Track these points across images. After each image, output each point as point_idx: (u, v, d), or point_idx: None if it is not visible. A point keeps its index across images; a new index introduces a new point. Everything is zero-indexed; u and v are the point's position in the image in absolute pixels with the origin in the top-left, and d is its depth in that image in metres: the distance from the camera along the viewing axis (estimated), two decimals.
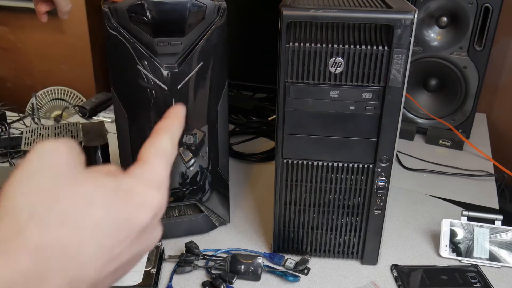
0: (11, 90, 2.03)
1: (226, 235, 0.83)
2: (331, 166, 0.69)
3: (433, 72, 1.18)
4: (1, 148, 1.08)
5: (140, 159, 0.30)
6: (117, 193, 0.27)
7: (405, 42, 0.60)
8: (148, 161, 0.30)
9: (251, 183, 1.00)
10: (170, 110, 0.34)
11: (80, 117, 1.30)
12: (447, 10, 1.12)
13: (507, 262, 0.76)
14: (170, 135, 0.32)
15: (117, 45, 0.65)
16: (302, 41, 0.62)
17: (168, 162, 0.30)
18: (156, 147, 0.31)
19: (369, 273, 0.74)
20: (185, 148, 0.74)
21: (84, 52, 1.82)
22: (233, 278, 0.70)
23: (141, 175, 0.29)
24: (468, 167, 1.08)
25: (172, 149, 0.31)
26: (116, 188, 0.27)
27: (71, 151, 0.27)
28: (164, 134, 0.31)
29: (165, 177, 0.30)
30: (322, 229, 0.74)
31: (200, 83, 0.70)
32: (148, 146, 0.31)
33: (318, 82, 0.64)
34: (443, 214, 0.89)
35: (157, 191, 0.28)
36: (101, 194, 0.26)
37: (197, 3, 0.65)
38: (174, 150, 0.31)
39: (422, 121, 1.22)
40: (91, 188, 0.26)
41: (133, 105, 0.70)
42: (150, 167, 0.29)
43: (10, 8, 1.83)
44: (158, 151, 0.30)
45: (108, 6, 0.64)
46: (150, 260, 0.71)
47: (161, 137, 0.31)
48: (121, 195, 0.27)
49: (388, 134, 0.65)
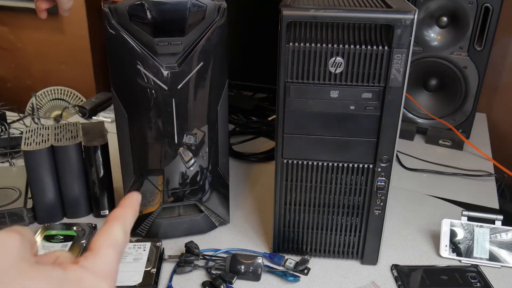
0: (11, 90, 2.03)
1: (226, 235, 0.83)
2: (331, 166, 0.69)
3: (433, 72, 1.18)
4: (1, 148, 1.08)
5: (91, 248, 0.31)
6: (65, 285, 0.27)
7: (405, 42, 0.60)
8: (99, 250, 0.30)
9: (251, 183, 1.00)
10: (124, 198, 0.34)
11: (80, 117, 1.30)
12: (447, 10, 1.12)
13: (507, 262, 0.76)
14: (122, 224, 0.32)
15: (117, 45, 0.65)
16: (302, 41, 0.62)
17: (118, 250, 0.31)
18: (107, 236, 0.31)
19: (369, 273, 0.74)
20: (185, 148, 0.74)
21: (84, 52, 1.82)
22: (233, 278, 0.70)
23: (90, 265, 0.29)
24: (468, 167, 1.08)
25: (124, 238, 0.32)
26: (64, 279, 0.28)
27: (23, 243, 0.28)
28: (117, 223, 0.32)
29: (115, 266, 0.31)
30: (322, 229, 0.74)
31: (200, 83, 0.70)
32: (100, 235, 0.31)
33: (318, 82, 0.64)
34: (443, 214, 0.89)
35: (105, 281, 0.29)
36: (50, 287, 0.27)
37: (197, 3, 0.65)
38: (127, 238, 0.32)
39: (422, 121, 1.22)
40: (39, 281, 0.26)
41: (133, 105, 0.70)
42: (99, 257, 0.30)
43: (10, 8, 1.83)
44: (110, 241, 0.31)
45: (108, 6, 0.64)
46: (150, 260, 0.71)
47: (113, 227, 0.32)
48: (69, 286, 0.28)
49: (388, 134, 0.65)
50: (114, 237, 0.31)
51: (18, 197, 0.85)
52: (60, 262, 0.30)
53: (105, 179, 0.84)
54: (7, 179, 0.90)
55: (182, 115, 0.71)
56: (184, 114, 0.71)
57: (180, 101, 0.70)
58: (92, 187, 0.84)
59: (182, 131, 0.72)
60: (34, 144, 0.80)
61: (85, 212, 0.86)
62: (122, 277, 0.68)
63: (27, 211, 0.82)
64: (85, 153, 0.81)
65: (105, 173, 0.84)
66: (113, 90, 0.70)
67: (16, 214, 0.82)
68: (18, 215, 0.82)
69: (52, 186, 0.82)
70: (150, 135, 0.71)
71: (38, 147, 0.79)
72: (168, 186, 0.76)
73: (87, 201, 0.86)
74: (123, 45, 0.65)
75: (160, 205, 0.77)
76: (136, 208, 0.34)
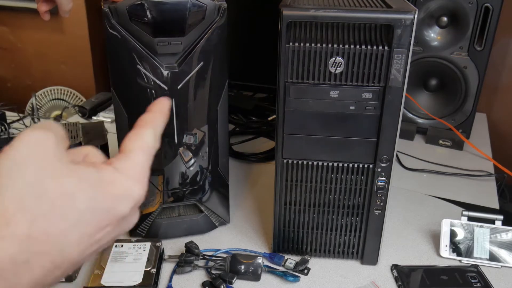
0: (11, 90, 2.03)
1: (226, 235, 0.83)
2: (331, 166, 0.69)
3: (433, 72, 1.18)
4: (1, 148, 1.08)
5: (123, 150, 0.31)
6: (99, 185, 0.28)
7: (405, 42, 0.60)
8: (130, 153, 0.31)
9: (251, 183, 1.00)
10: (154, 103, 0.35)
11: (80, 117, 1.30)
12: (447, 10, 1.12)
13: (507, 262, 0.76)
14: (153, 128, 0.33)
15: (117, 45, 0.65)
16: (302, 41, 0.62)
17: (149, 155, 0.32)
18: (138, 140, 0.32)
19: (369, 273, 0.74)
20: (185, 148, 0.74)
21: (84, 52, 1.82)
22: (233, 278, 0.70)
23: (122, 167, 0.30)
24: (468, 167, 1.08)
25: (155, 143, 0.32)
26: (99, 180, 0.28)
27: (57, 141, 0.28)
28: (148, 127, 0.33)
29: (146, 169, 0.31)
30: (322, 229, 0.74)
31: (200, 83, 0.70)
32: (131, 138, 0.32)
33: (318, 82, 0.64)
34: (443, 214, 0.89)
35: (137, 184, 0.30)
36: (84, 186, 0.28)
37: (197, 3, 0.65)
38: (157, 143, 0.32)
39: (422, 121, 1.22)
40: (75, 181, 0.27)
41: (133, 105, 0.70)
42: (131, 160, 0.31)
43: (10, 8, 1.83)
44: (141, 145, 0.31)
45: (108, 6, 0.64)
46: (150, 260, 0.71)
47: (144, 130, 0.32)
48: (103, 187, 0.28)
49: (388, 134, 0.65)
50: (145, 141, 0.32)
51: None
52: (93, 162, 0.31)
53: None
54: None
55: (182, 115, 0.71)
56: (184, 114, 0.71)
57: (180, 101, 0.70)
58: None
59: (182, 131, 0.72)
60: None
61: None
62: (122, 277, 0.68)
63: None
64: None
65: None
66: (113, 90, 0.70)
67: None
68: None
69: None
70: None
71: None
72: (168, 186, 0.76)
73: None
74: (123, 45, 0.65)
75: (160, 205, 0.77)
76: (166, 113, 0.34)
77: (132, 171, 0.30)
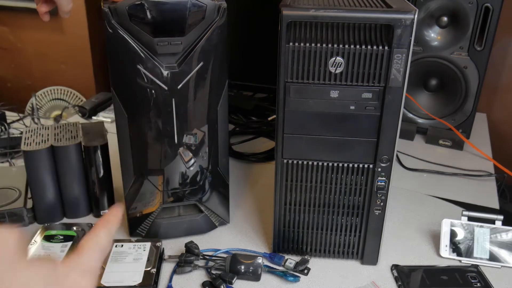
0: (11, 90, 2.03)
1: (226, 235, 0.83)
2: (331, 166, 0.69)
3: (433, 72, 1.18)
4: (1, 148, 1.08)
5: (78, 250, 0.36)
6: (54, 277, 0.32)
7: (405, 42, 0.60)
8: (83, 251, 0.36)
9: (251, 183, 1.00)
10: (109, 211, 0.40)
11: (80, 117, 1.30)
12: (447, 10, 1.12)
13: (508, 262, 0.76)
14: (107, 230, 0.38)
15: (117, 45, 0.65)
16: (302, 41, 0.62)
17: (102, 252, 0.37)
18: (93, 239, 0.37)
19: (369, 273, 0.74)
20: (185, 148, 0.74)
21: (84, 52, 1.82)
22: (233, 278, 0.70)
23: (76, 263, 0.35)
24: (468, 167, 1.08)
25: (108, 242, 0.37)
26: (53, 273, 0.32)
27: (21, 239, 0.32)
28: (102, 229, 0.38)
29: (97, 266, 0.36)
30: (322, 229, 0.74)
31: (200, 83, 0.70)
32: (87, 239, 0.37)
33: (318, 82, 0.64)
34: (443, 214, 0.89)
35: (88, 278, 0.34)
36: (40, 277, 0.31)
37: (197, 3, 0.65)
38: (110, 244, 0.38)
39: (422, 121, 1.22)
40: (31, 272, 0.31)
41: (133, 105, 0.70)
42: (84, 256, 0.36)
43: (10, 8, 1.84)
44: (95, 243, 0.37)
45: (108, 6, 0.64)
46: (150, 260, 0.71)
47: (99, 232, 0.37)
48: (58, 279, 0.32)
49: (388, 134, 0.65)
50: (99, 239, 0.37)
51: (18, 197, 0.85)
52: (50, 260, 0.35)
53: (105, 179, 0.84)
54: (7, 179, 0.90)
55: (182, 115, 0.71)
56: (184, 114, 0.71)
57: (180, 101, 0.70)
58: (92, 187, 0.84)
59: (182, 131, 0.72)
60: (34, 144, 0.80)
61: (85, 212, 0.86)
62: (122, 277, 0.68)
63: (27, 211, 0.82)
64: (85, 153, 0.81)
65: (105, 173, 0.84)
66: (113, 90, 0.70)
67: (16, 214, 0.82)
68: (18, 215, 0.82)
69: (52, 186, 0.82)
70: (150, 135, 0.71)
71: (38, 147, 0.79)
72: (168, 186, 0.76)
73: (87, 201, 0.86)
74: (123, 45, 0.65)
75: (160, 205, 0.77)
76: (119, 219, 0.40)
77: (84, 265, 0.35)
